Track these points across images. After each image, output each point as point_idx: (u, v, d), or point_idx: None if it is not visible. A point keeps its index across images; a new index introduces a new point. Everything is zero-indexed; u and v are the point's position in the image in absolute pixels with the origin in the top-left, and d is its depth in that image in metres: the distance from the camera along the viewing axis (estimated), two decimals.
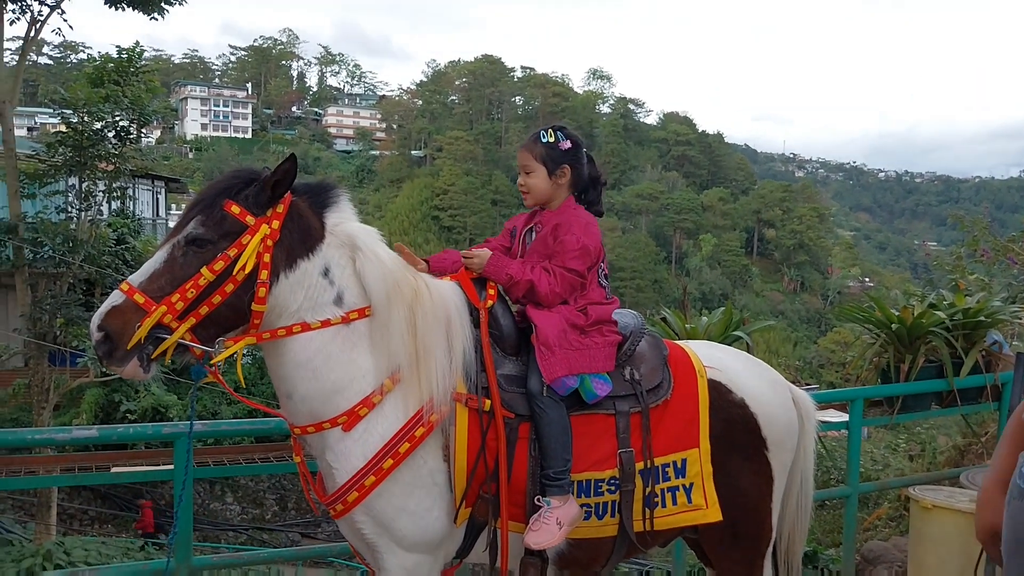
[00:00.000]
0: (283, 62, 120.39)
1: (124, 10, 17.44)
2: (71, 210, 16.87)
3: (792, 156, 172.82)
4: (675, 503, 2.87)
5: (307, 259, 2.60)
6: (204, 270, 2.45)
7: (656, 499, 2.85)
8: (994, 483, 2.10)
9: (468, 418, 2.69)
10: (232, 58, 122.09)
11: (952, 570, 4.44)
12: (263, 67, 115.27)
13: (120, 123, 16.51)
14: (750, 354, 3.55)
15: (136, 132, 17.43)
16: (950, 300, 5.90)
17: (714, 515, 2.89)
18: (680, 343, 3.19)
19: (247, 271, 2.48)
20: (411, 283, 2.72)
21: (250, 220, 2.51)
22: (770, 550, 3.13)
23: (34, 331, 15.46)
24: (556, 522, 2.66)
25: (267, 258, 2.51)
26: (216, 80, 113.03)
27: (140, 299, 2.41)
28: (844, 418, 5.17)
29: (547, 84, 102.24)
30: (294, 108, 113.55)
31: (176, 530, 3.00)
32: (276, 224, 2.54)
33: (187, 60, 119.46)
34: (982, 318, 5.41)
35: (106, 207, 18.65)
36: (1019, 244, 8.92)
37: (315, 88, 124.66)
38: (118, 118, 16.36)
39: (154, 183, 30.66)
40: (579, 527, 2.75)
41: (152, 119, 18.67)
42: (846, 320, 6.80)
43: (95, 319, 2.44)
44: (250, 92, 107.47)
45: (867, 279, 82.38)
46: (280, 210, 2.56)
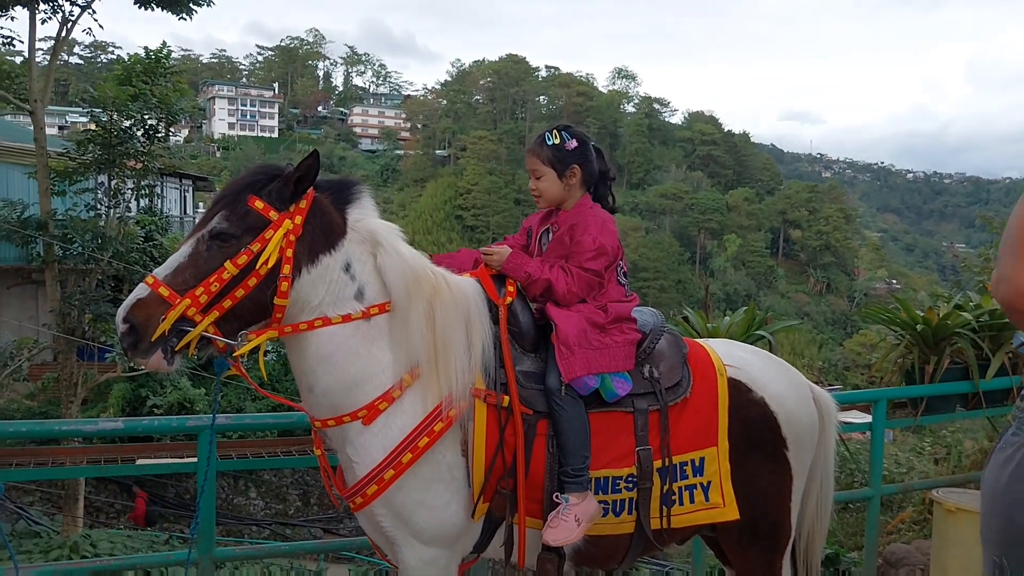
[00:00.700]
0: (309, 62, 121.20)
1: (153, 10, 17.66)
2: (100, 207, 17.11)
3: (819, 156, 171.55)
4: (692, 501, 2.87)
5: (329, 254, 2.63)
6: (228, 264, 2.48)
7: (674, 497, 2.85)
8: None
9: (487, 414, 2.70)
10: (259, 58, 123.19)
11: (975, 573, 4.39)
12: (290, 67, 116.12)
13: (148, 122, 16.70)
14: (772, 354, 3.54)
15: (164, 131, 17.62)
16: (976, 301, 5.84)
17: (731, 514, 2.88)
18: (700, 341, 3.19)
19: (270, 265, 2.51)
20: (431, 279, 2.74)
21: (273, 215, 2.54)
22: (789, 550, 3.12)
23: (63, 326, 15.70)
24: (574, 519, 2.67)
25: (289, 253, 2.54)
26: (243, 80, 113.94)
27: (165, 292, 2.45)
28: (867, 419, 5.13)
29: (571, 83, 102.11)
30: (320, 108, 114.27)
31: (198, 521, 3.03)
32: (299, 219, 2.56)
33: (215, 60, 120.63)
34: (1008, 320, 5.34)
35: (134, 205, 18.88)
36: None
37: (341, 88, 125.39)
38: (146, 117, 16.55)
39: (182, 181, 31.02)
40: (596, 524, 2.75)
41: (179, 118, 18.88)
42: (871, 321, 6.76)
43: (121, 311, 2.48)
44: (277, 92, 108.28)
45: (894, 281, 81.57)
46: (303, 206, 2.58)
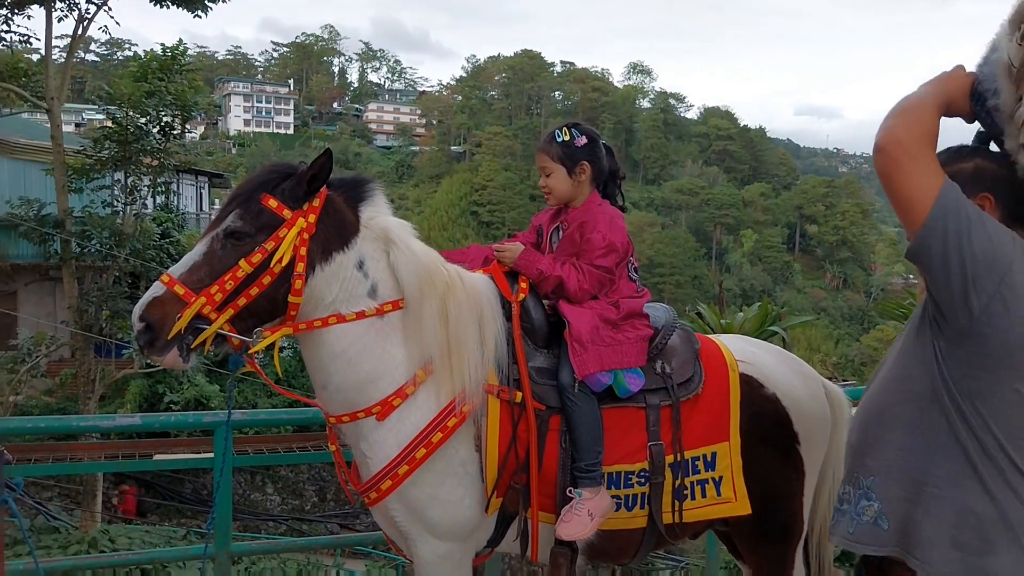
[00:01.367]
0: (324, 58, 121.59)
1: (168, 7, 17.76)
2: (117, 204, 17.22)
3: (836, 151, 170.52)
4: (704, 496, 2.88)
5: (342, 252, 2.65)
6: (242, 262, 2.51)
7: (685, 492, 2.86)
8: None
9: (500, 409, 2.73)
10: (274, 55, 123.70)
11: None
12: (304, 63, 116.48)
13: (164, 119, 16.80)
14: (786, 349, 3.54)
15: (180, 128, 17.73)
16: None
17: (743, 508, 2.89)
18: (712, 337, 3.19)
19: (284, 264, 2.53)
20: (444, 276, 2.76)
21: (287, 214, 2.56)
22: (801, 545, 3.12)
23: (81, 323, 15.83)
24: (587, 513, 2.69)
25: (303, 251, 2.56)
26: (259, 76, 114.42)
27: (180, 290, 2.47)
28: None
29: (587, 79, 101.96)
30: (335, 104, 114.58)
31: (214, 516, 3.06)
32: (312, 218, 2.59)
33: (230, 57, 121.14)
34: None
35: (151, 202, 19.01)
36: None
37: (356, 84, 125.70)
38: (162, 114, 16.65)
39: (198, 178, 31.17)
40: (609, 519, 2.77)
41: (195, 115, 19.00)
42: (887, 317, 6.71)
43: (137, 310, 2.51)
44: (292, 88, 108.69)
45: (911, 276, 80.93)
46: (316, 204, 2.60)
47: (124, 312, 15.28)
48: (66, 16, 17.01)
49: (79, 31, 17.33)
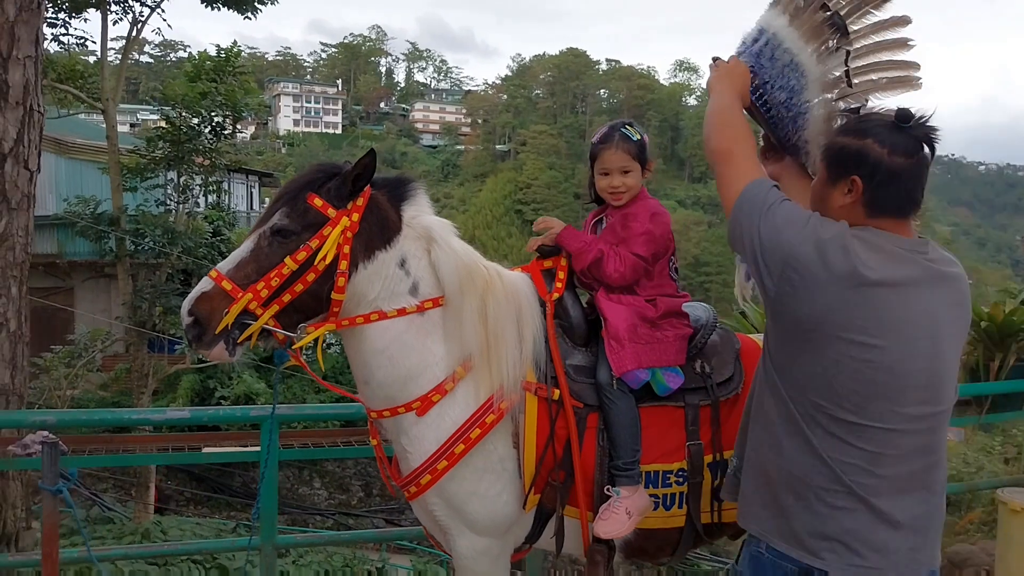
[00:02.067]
0: (372, 59, 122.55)
1: (219, 9, 18.10)
2: (169, 203, 17.61)
3: None
4: None
5: (385, 250, 2.69)
6: (288, 260, 2.55)
7: None
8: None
9: (537, 406, 2.74)
10: (323, 55, 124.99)
11: None
12: (352, 64, 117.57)
13: (215, 119, 17.12)
14: None
15: (231, 128, 18.04)
16: None
17: None
18: (754, 337, 3.17)
19: (328, 261, 2.58)
20: (483, 274, 2.78)
21: (331, 212, 2.60)
22: None
23: (134, 319, 16.22)
24: (625, 512, 2.69)
25: (347, 249, 2.60)
26: (308, 77, 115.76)
27: (228, 286, 2.53)
28: None
29: (632, 76, 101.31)
30: (382, 104, 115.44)
31: (259, 507, 3.13)
32: (356, 216, 2.63)
33: (280, 58, 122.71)
34: None
35: (202, 200, 19.39)
36: None
37: (403, 84, 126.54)
38: (213, 115, 16.96)
39: (248, 177, 31.65)
40: (647, 517, 2.77)
41: (246, 115, 19.33)
42: None
43: (185, 304, 2.57)
44: (340, 88, 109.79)
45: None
46: (360, 203, 2.64)
47: (176, 308, 15.53)
48: (121, 19, 17.44)
49: (133, 33, 17.73)
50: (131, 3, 17.30)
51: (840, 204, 2.15)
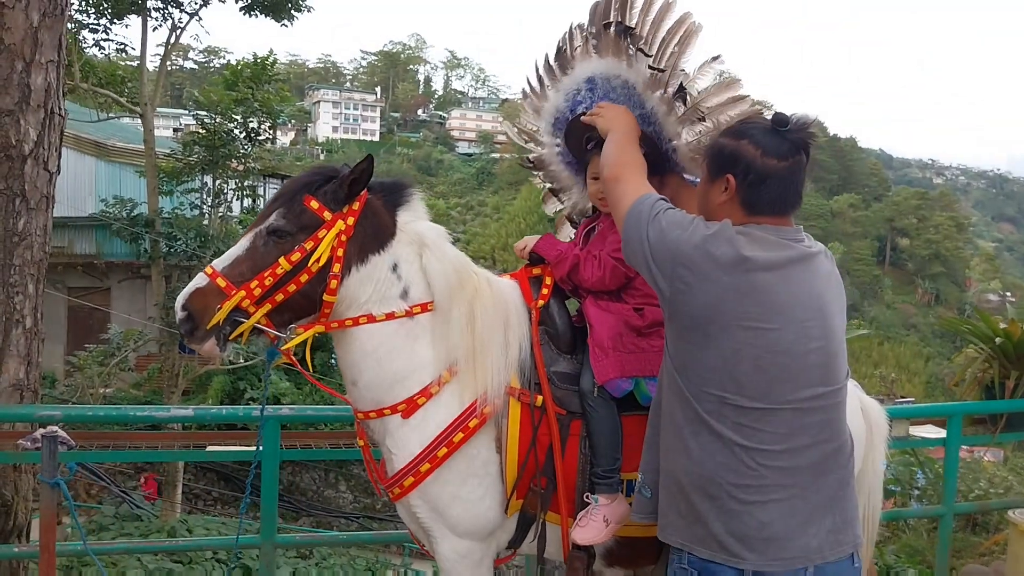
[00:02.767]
0: (411, 67, 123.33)
1: (257, 17, 18.39)
2: (204, 207, 17.88)
3: (930, 162, 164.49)
4: None
5: (378, 254, 2.73)
6: (282, 260, 2.59)
7: None
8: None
9: (520, 412, 2.76)
10: (363, 63, 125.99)
11: None
12: (391, 72, 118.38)
13: (250, 125, 17.37)
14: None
15: (269, 133, 18.29)
16: None
17: None
18: None
19: (321, 263, 2.62)
20: (473, 281, 2.82)
21: (327, 215, 2.64)
22: None
23: (167, 320, 16.47)
24: (603, 519, 2.70)
25: (340, 252, 2.65)
26: (347, 84, 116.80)
27: (222, 283, 2.57)
28: (942, 434, 4.97)
29: None
30: (420, 111, 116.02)
31: (245, 505, 3.17)
32: (351, 220, 2.67)
33: (320, 65, 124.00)
34: None
35: (236, 204, 19.66)
36: None
37: (440, 92, 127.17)
38: (248, 120, 17.21)
39: (283, 182, 31.92)
40: (627, 526, 2.77)
41: (282, 121, 19.59)
42: (949, 331, 6.53)
43: (180, 299, 2.61)
44: (379, 96, 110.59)
45: (1008, 293, 77.66)
46: (356, 207, 2.69)
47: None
48: (160, 26, 17.77)
49: (172, 39, 18.07)
50: (170, 10, 17.64)
51: (719, 202, 2.25)
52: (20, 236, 4.38)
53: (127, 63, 20.47)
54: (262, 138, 18.11)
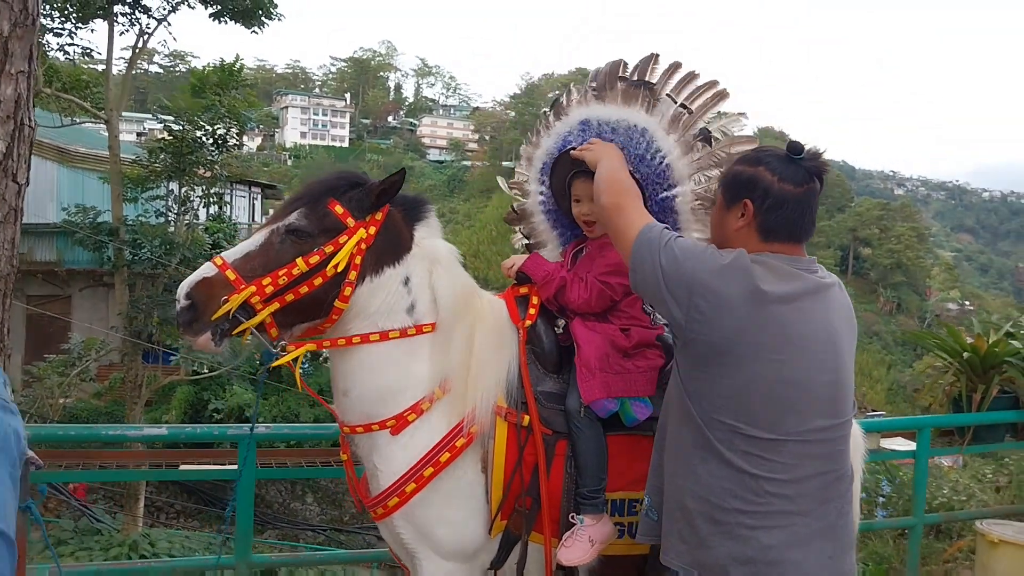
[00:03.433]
0: (381, 73, 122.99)
1: (227, 23, 18.24)
2: (169, 214, 17.66)
3: (892, 173, 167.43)
4: None
5: (393, 267, 2.72)
6: (299, 260, 2.55)
7: None
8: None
9: (507, 432, 2.75)
10: (332, 69, 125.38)
11: None
12: (361, 78, 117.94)
13: (218, 131, 17.20)
14: None
15: (235, 140, 18.13)
16: None
17: None
18: None
19: (339, 269, 2.59)
20: (478, 304, 2.84)
21: (351, 222, 2.62)
22: None
23: (130, 329, 16.23)
24: (588, 540, 2.69)
25: (358, 260, 2.62)
26: (316, 90, 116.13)
27: (231, 276, 2.50)
28: (911, 446, 5.04)
29: None
30: (390, 118, 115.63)
31: (224, 526, 3.12)
32: (373, 230, 2.65)
33: (289, 71, 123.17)
34: None
35: (203, 212, 19.43)
36: None
37: (411, 99, 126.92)
38: (216, 127, 17.04)
39: (251, 189, 31.67)
40: (612, 545, 2.77)
41: (249, 127, 19.43)
42: (916, 344, 6.63)
43: (184, 286, 2.55)
44: (348, 102, 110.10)
45: (967, 302, 79.02)
46: (379, 218, 2.67)
47: (173, 320, 15.58)
48: (127, 30, 17.54)
49: (139, 45, 17.84)
50: (138, 15, 17.43)
51: (735, 227, 2.27)
52: None
53: (91, 67, 20.20)
54: (230, 144, 17.94)
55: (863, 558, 6.19)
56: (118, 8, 17.23)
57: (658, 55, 2.90)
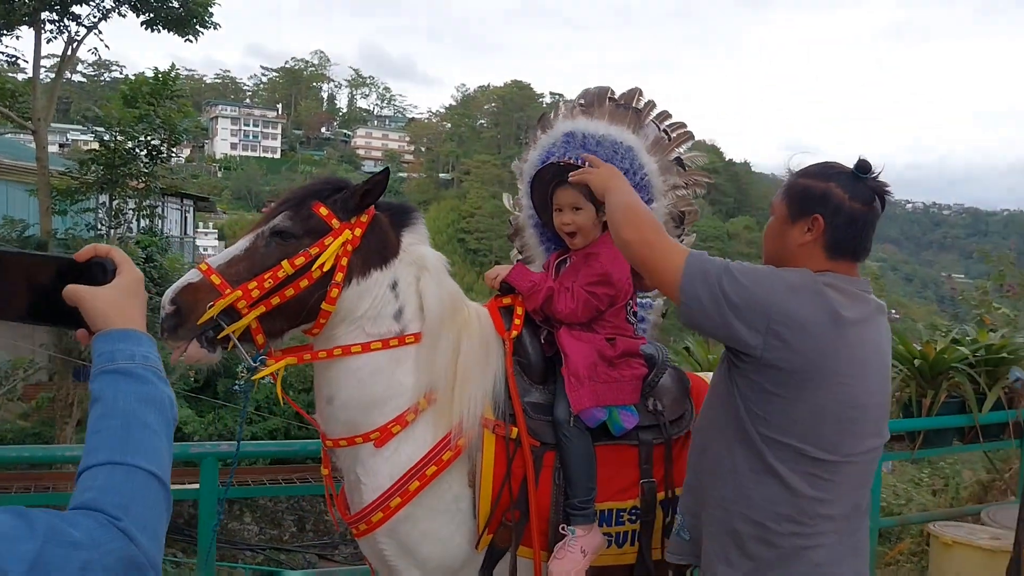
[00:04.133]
0: (314, 84, 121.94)
1: (160, 32, 17.84)
2: (101, 227, 17.16)
3: None
4: None
5: (380, 270, 2.67)
6: (284, 263, 2.50)
7: None
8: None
9: (495, 444, 2.71)
10: (263, 79, 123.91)
11: None
12: (293, 88, 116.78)
13: (152, 142, 16.79)
14: None
15: (167, 151, 17.72)
16: (973, 336, 5.87)
17: None
18: (701, 375, 3.20)
19: (324, 270, 2.54)
20: (464, 312, 2.80)
21: (335, 223, 2.58)
22: None
23: (60, 346, 15.69)
24: (580, 551, 2.67)
25: (344, 261, 2.57)
26: (247, 100, 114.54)
27: (216, 280, 2.44)
28: None
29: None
30: (323, 129, 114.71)
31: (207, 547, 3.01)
32: (358, 231, 2.61)
33: (218, 80, 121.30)
34: (1005, 355, 5.39)
35: (135, 225, 18.93)
36: None
37: (345, 110, 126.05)
38: (150, 138, 16.64)
39: (183, 201, 31.02)
40: (600, 555, 2.75)
41: (184, 139, 19.02)
42: None
43: (169, 293, 2.46)
44: (280, 112, 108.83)
45: (893, 311, 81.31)
46: (364, 219, 2.64)
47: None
48: (55, 38, 17.03)
49: (68, 53, 17.34)
50: (66, 22, 16.93)
51: (800, 242, 2.24)
52: None
53: (13, 76, 19.53)
54: (163, 156, 17.53)
55: None
56: (45, 15, 16.72)
57: (641, 90, 3.16)
